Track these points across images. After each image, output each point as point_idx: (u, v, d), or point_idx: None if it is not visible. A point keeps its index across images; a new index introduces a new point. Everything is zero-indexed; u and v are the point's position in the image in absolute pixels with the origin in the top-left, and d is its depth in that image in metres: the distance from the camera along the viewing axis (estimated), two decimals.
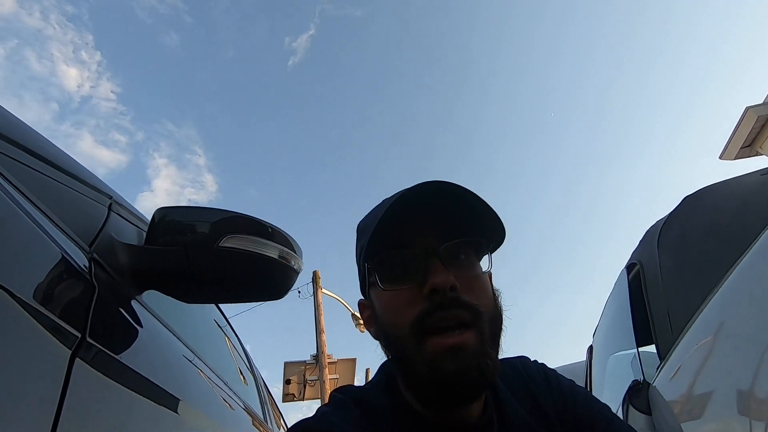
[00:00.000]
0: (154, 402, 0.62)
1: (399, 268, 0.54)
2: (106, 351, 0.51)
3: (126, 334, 0.60)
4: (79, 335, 0.46)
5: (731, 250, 0.88)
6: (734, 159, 6.77)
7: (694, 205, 1.15)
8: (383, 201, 0.60)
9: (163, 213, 0.75)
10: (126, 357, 0.56)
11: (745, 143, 6.50)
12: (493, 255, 0.58)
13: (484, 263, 0.56)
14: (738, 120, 6.38)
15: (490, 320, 0.51)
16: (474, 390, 0.49)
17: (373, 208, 0.62)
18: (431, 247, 0.52)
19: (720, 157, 6.99)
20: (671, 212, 1.22)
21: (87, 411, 0.46)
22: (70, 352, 0.44)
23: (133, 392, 0.56)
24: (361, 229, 0.61)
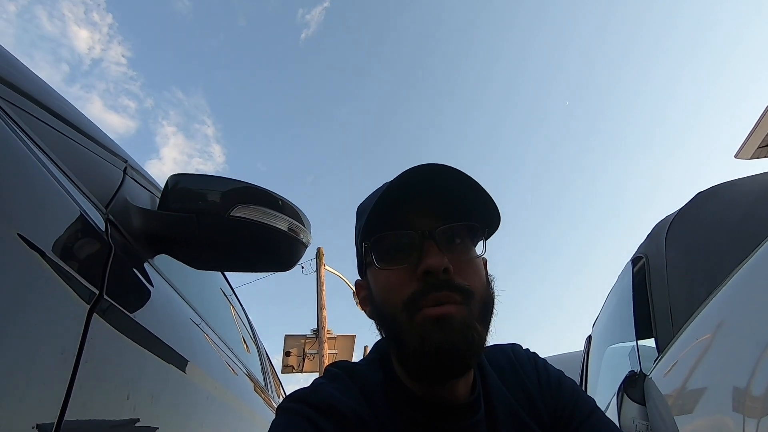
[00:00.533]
0: (164, 361, 0.64)
1: (395, 249, 0.55)
2: (122, 309, 0.53)
3: (139, 294, 0.62)
4: (97, 292, 0.48)
5: (741, 248, 0.88)
6: (750, 158, 6.63)
7: (707, 201, 1.14)
8: (383, 184, 0.60)
9: (176, 179, 0.76)
10: (139, 316, 0.57)
11: (762, 143, 6.35)
12: (489, 240, 0.59)
13: (479, 248, 0.57)
14: (758, 118, 6.22)
15: (481, 302, 0.53)
16: (460, 361, 0.50)
17: (374, 191, 0.62)
18: (427, 229, 0.53)
19: (735, 156, 6.85)
20: (682, 207, 1.21)
21: (103, 365, 0.48)
22: (88, 307, 0.46)
23: (145, 350, 0.58)
24: (361, 211, 0.62)
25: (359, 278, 0.64)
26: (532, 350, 0.70)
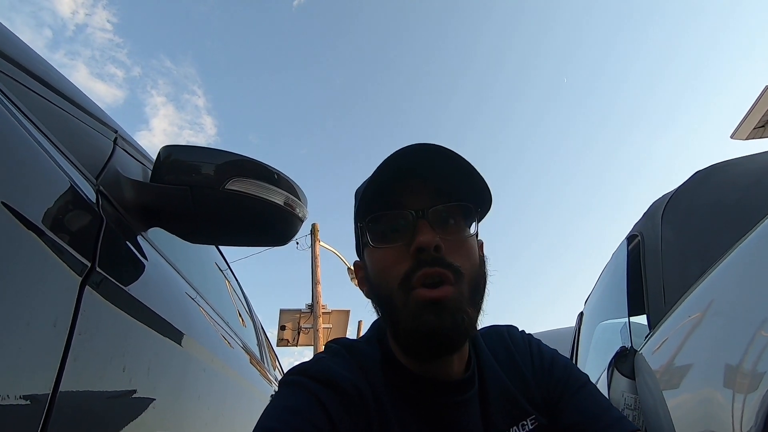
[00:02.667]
0: (160, 333, 0.64)
1: (389, 228, 0.56)
2: (115, 281, 0.52)
3: (133, 267, 0.61)
4: (89, 264, 0.47)
5: (737, 228, 0.88)
6: (746, 139, 6.64)
7: (704, 180, 1.13)
8: (389, 158, 0.60)
9: (168, 151, 0.74)
10: (133, 289, 0.57)
11: (759, 123, 6.35)
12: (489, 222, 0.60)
13: (472, 228, 0.58)
14: (756, 99, 6.19)
15: (471, 281, 0.54)
16: (449, 342, 0.52)
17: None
18: (420, 209, 0.54)
19: (731, 137, 6.86)
20: (679, 186, 1.20)
21: (97, 337, 0.47)
22: (80, 279, 0.45)
23: (140, 322, 0.57)
24: (358, 192, 0.63)
25: (357, 259, 0.65)
26: (527, 332, 0.72)
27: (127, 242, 0.62)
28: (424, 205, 0.54)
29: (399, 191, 0.56)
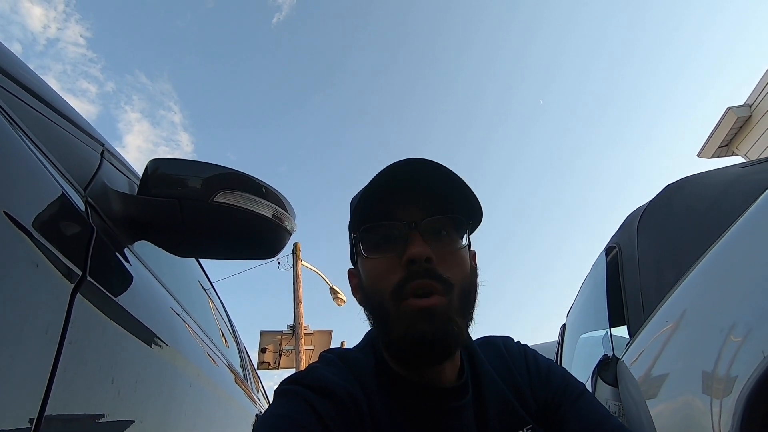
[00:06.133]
0: (148, 346, 0.63)
1: (382, 239, 0.58)
2: (105, 291, 0.51)
3: (122, 278, 0.60)
4: (80, 273, 0.46)
5: (707, 237, 0.92)
6: (711, 157, 6.95)
7: (676, 192, 1.19)
8: (384, 170, 0.62)
9: (156, 164, 0.74)
10: (122, 300, 0.56)
11: (722, 143, 6.67)
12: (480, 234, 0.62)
13: (464, 239, 0.60)
14: (718, 120, 6.52)
15: (461, 293, 0.56)
16: (440, 350, 0.53)
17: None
18: (413, 221, 0.56)
19: (698, 155, 7.17)
20: (653, 199, 1.26)
21: (87, 347, 0.46)
22: (72, 286, 0.44)
23: (129, 333, 0.56)
24: (353, 202, 0.64)
25: (352, 267, 0.67)
26: (522, 343, 0.73)
27: (116, 253, 0.62)
28: (417, 217, 0.56)
29: (392, 203, 0.58)
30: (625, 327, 1.19)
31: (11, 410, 0.36)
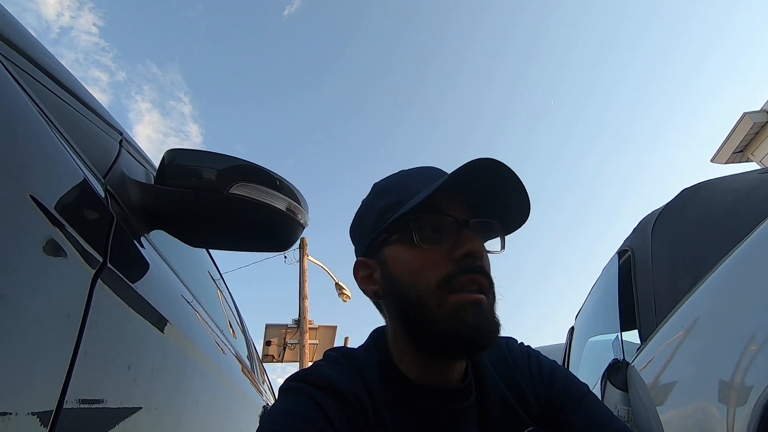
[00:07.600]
0: (163, 334, 0.63)
1: (432, 231, 0.57)
2: (124, 278, 0.52)
3: (139, 266, 0.61)
4: (101, 259, 0.47)
5: (724, 243, 0.91)
6: (725, 163, 6.86)
7: (693, 197, 1.17)
8: (419, 168, 0.65)
9: (173, 155, 0.75)
10: (139, 287, 0.57)
11: (737, 148, 6.57)
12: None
13: (495, 243, 0.62)
14: (734, 125, 6.42)
15: (494, 293, 0.57)
16: (489, 339, 0.53)
17: (398, 173, 0.66)
18: (462, 218, 0.57)
19: (711, 160, 7.08)
20: (668, 203, 1.24)
21: (106, 332, 0.47)
22: (93, 272, 0.45)
23: (146, 321, 0.57)
24: (383, 188, 0.64)
25: (362, 257, 0.64)
26: (525, 344, 0.73)
27: (134, 241, 0.62)
28: (466, 215, 0.58)
29: (441, 197, 0.58)
30: (635, 331, 1.18)
31: (36, 391, 0.36)
